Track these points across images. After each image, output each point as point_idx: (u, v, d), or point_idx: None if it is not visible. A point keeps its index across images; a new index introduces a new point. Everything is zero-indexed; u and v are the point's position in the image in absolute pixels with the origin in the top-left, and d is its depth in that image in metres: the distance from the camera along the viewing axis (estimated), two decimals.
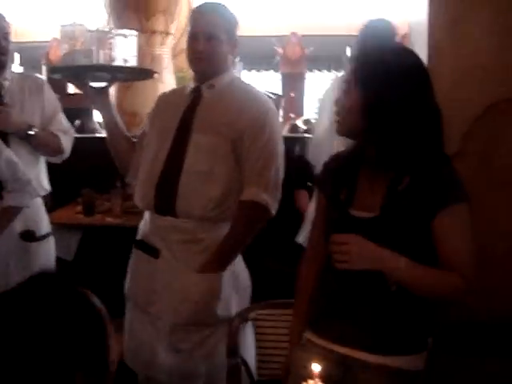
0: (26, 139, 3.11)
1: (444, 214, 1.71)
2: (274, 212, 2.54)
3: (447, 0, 2.30)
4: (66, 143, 3.29)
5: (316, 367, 1.46)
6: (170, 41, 7.69)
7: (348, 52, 11.15)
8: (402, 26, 3.47)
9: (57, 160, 3.34)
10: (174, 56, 8.07)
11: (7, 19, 3.16)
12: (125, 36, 2.79)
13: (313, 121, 10.54)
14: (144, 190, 2.61)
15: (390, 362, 1.77)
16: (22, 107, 3.16)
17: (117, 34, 2.76)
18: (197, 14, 2.56)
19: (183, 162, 2.50)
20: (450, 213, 1.71)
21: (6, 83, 3.16)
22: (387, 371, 1.77)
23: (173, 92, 2.90)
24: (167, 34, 7.47)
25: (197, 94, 2.59)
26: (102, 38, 2.72)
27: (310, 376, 1.45)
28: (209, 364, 2.57)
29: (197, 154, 2.49)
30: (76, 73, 2.75)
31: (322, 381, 1.46)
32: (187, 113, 2.58)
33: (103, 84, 2.74)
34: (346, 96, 1.75)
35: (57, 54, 11.20)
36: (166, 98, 2.79)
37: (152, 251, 2.57)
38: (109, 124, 2.77)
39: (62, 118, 3.33)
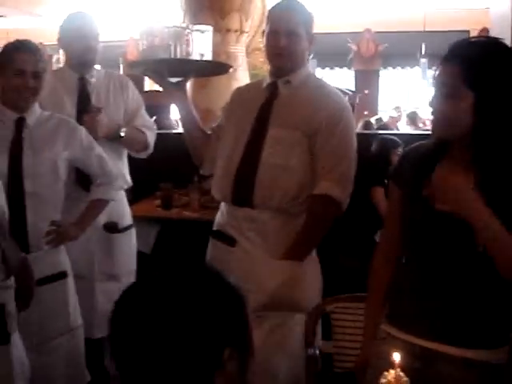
0: (118, 140, 3.24)
1: None
2: (345, 207, 2.60)
3: None
4: (151, 139, 3.41)
5: (396, 357, 1.47)
6: (245, 39, 7.76)
7: (423, 48, 11.02)
8: (483, 18, 3.41)
9: (142, 155, 3.45)
10: (248, 54, 8.14)
11: (97, 21, 3.30)
12: (201, 31, 2.89)
13: (384, 119, 10.47)
14: (222, 182, 2.68)
15: (474, 356, 1.77)
16: (108, 104, 3.28)
17: (193, 30, 2.86)
18: (276, 12, 2.62)
19: (260, 155, 2.57)
20: None
21: (93, 80, 3.29)
22: (470, 364, 1.76)
23: (248, 87, 2.99)
24: (242, 32, 7.54)
25: (274, 89, 2.65)
26: (179, 34, 2.82)
27: (391, 366, 1.47)
28: (285, 352, 2.61)
29: (274, 148, 2.56)
30: (155, 67, 2.84)
31: (403, 371, 1.47)
32: (264, 107, 2.64)
33: (180, 78, 2.84)
34: (448, 101, 1.69)
35: (134, 54, 11.46)
36: (241, 93, 2.87)
37: (229, 240, 2.66)
38: (186, 117, 2.89)
39: (145, 114, 3.44)
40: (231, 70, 3.29)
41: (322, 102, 2.59)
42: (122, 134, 3.23)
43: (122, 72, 9.53)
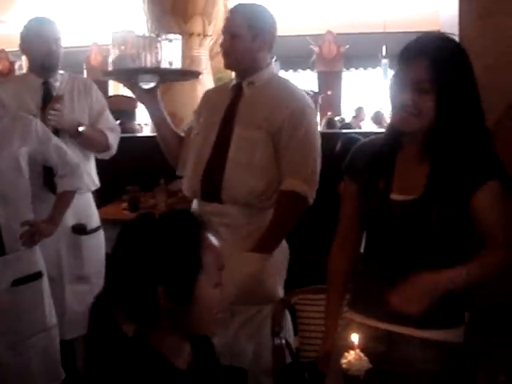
0: (76, 136, 3.25)
1: (482, 190, 1.80)
2: (312, 201, 2.70)
3: None
4: (113, 140, 3.43)
5: (355, 338, 1.56)
6: (208, 42, 7.82)
7: (384, 49, 11.18)
8: (434, 20, 3.53)
9: (105, 156, 3.48)
10: (212, 57, 8.19)
11: (57, 25, 3.34)
12: (169, 40, 2.98)
13: (347, 120, 10.61)
14: (192, 179, 2.79)
15: (434, 336, 1.86)
16: (73, 106, 3.32)
17: (163, 39, 2.95)
18: (227, 15, 2.81)
19: (227, 154, 2.69)
20: (488, 188, 1.80)
21: (57, 84, 3.33)
22: (430, 344, 1.86)
23: (216, 89, 3.13)
24: (205, 35, 7.60)
25: (238, 90, 2.76)
26: (149, 43, 2.92)
27: (351, 347, 1.56)
28: (255, 343, 2.72)
29: (239, 147, 2.68)
30: (127, 75, 2.95)
31: (363, 352, 1.56)
32: (230, 108, 2.75)
33: (152, 85, 2.93)
34: (416, 95, 1.77)
35: (97, 59, 11.46)
36: (209, 95, 2.97)
37: None
38: (158, 122, 2.96)
39: (109, 116, 3.47)
40: (200, 76, 3.43)
41: (285, 101, 2.69)
42: (81, 129, 3.24)
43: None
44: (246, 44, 2.68)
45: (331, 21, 11.36)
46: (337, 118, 9.39)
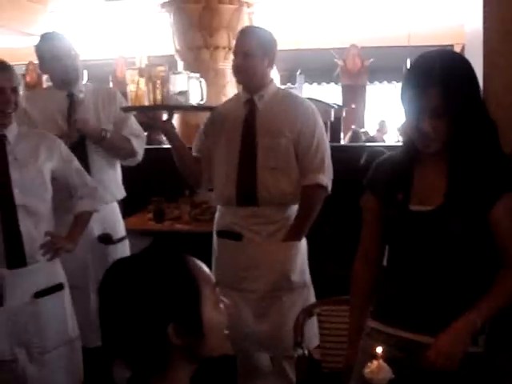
0: (100, 142, 3.28)
1: (499, 203, 1.84)
2: (330, 189, 3.10)
3: (500, 8, 2.40)
4: (138, 146, 3.46)
5: (379, 349, 1.59)
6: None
7: (408, 63, 11.16)
8: (459, 34, 3.54)
9: (131, 163, 3.51)
10: None
11: (71, 39, 3.36)
12: (190, 77, 3.10)
13: (371, 133, 10.64)
14: (225, 189, 3.08)
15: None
16: (98, 117, 3.36)
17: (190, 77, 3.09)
18: (237, 35, 3.06)
19: (256, 161, 3.01)
20: (504, 201, 1.84)
21: (82, 95, 3.36)
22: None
23: (225, 105, 3.31)
24: (230, 49, 7.67)
25: (251, 104, 3.07)
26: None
27: (375, 357, 1.59)
28: (280, 328, 3.02)
29: (267, 154, 3.01)
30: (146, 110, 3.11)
31: (385, 361, 1.58)
32: (248, 120, 3.06)
33: (165, 117, 3.11)
34: (436, 122, 1.83)
35: (123, 71, 11.58)
36: (221, 112, 3.19)
37: (235, 236, 3.09)
38: (178, 147, 3.14)
39: (134, 123, 3.49)
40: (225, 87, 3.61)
41: (298, 110, 3.06)
42: (104, 134, 3.28)
43: None
44: (257, 62, 2.99)
45: (355, 34, 11.39)
46: (362, 130, 9.40)
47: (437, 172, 1.93)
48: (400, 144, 2.12)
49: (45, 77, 9.95)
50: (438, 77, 1.81)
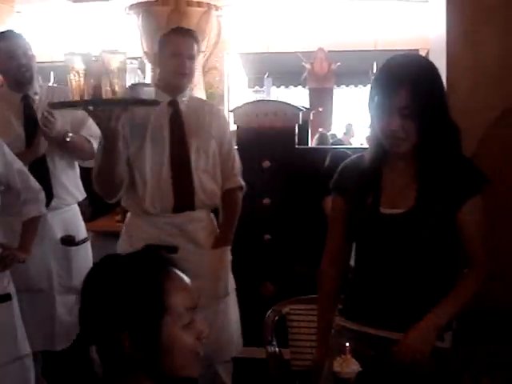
0: (63, 145, 3.23)
1: (466, 206, 1.95)
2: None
3: (462, 15, 2.47)
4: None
5: (347, 343, 1.64)
6: (201, 58, 7.90)
7: (375, 67, 11.29)
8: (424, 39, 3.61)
9: (89, 164, 3.38)
10: (205, 73, 8.29)
11: (25, 38, 3.30)
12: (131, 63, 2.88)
13: (338, 136, 10.75)
14: (159, 195, 2.92)
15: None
16: (54, 118, 3.24)
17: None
18: (178, 36, 2.96)
19: (190, 164, 2.94)
20: (470, 204, 1.95)
21: (37, 97, 3.31)
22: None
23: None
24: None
25: (175, 105, 2.99)
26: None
27: (343, 351, 1.64)
28: (220, 335, 2.99)
29: (198, 156, 2.97)
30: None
31: (360, 359, 1.64)
32: (175, 121, 2.97)
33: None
34: (405, 122, 1.89)
35: None
36: (142, 114, 2.94)
37: (170, 249, 2.78)
38: (114, 152, 2.74)
39: (92, 125, 3.29)
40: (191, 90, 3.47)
41: (218, 113, 3.18)
42: (68, 139, 3.21)
43: None
44: (195, 64, 3.02)
45: (323, 38, 11.48)
46: (329, 133, 9.49)
47: (405, 175, 2.00)
48: (365, 147, 2.17)
49: None
50: (407, 77, 1.87)
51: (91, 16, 9.72)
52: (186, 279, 1.41)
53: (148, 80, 7.81)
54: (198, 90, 7.82)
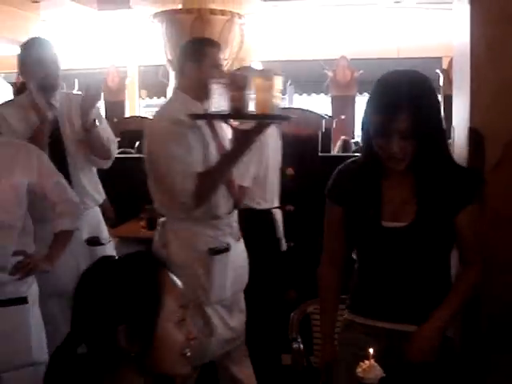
0: (91, 130, 3.23)
1: (464, 212, 2.07)
2: None
3: (487, 23, 2.48)
4: (114, 149, 3.48)
5: (371, 350, 1.66)
6: (224, 66, 7.94)
7: None
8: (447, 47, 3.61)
9: (104, 165, 3.50)
10: None
11: (54, 46, 3.34)
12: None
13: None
14: (226, 198, 3.11)
15: None
16: (71, 123, 3.34)
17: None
18: (215, 49, 3.10)
19: None
20: (467, 211, 2.07)
21: (58, 105, 3.34)
22: None
23: None
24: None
25: None
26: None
27: (367, 357, 1.66)
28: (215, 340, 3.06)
29: None
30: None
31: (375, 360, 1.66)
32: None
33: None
34: (404, 143, 1.96)
35: (115, 80, 11.62)
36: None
37: (225, 249, 3.06)
38: (234, 163, 2.91)
39: (108, 128, 3.48)
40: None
41: None
42: (98, 123, 3.25)
43: (102, 98, 9.64)
44: None
45: (345, 46, 11.49)
46: (352, 141, 9.48)
47: (404, 187, 2.09)
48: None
49: None
50: (406, 102, 1.93)
51: (116, 24, 9.81)
52: (177, 279, 1.49)
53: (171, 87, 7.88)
54: None
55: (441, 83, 10.31)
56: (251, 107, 2.58)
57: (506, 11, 2.46)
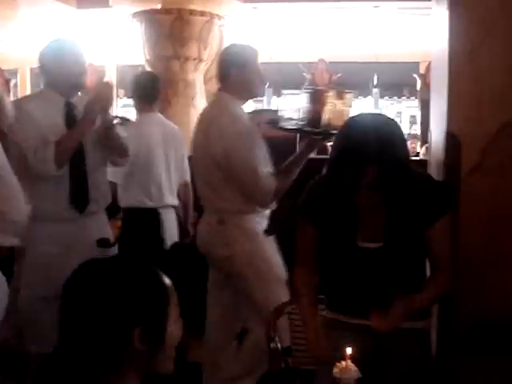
0: (111, 130, 3.24)
1: (438, 224, 2.13)
2: None
3: (465, 28, 2.51)
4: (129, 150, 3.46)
5: (348, 350, 1.67)
6: (203, 67, 7.94)
7: (375, 79, 11.36)
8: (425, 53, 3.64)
9: (123, 163, 3.52)
10: (206, 81, 8.31)
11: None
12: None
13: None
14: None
15: (414, 325, 2.22)
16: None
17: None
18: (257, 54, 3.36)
19: None
20: (440, 223, 2.13)
21: (77, 104, 3.30)
22: (412, 332, 2.21)
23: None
24: (200, 60, 7.73)
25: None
26: None
27: (343, 357, 1.67)
28: None
29: None
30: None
31: (358, 348, 1.74)
32: None
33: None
34: (371, 192, 2.04)
35: (92, 79, 11.54)
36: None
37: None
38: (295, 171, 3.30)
39: (120, 128, 3.45)
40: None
41: None
42: (115, 121, 3.29)
43: None
44: None
45: (324, 49, 11.53)
46: (328, 144, 9.52)
47: (376, 206, 2.13)
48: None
49: (12, 83, 9.92)
50: (375, 155, 1.98)
51: (95, 22, 9.76)
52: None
53: None
54: (199, 98, 7.85)
55: (418, 88, 10.41)
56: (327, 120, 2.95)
57: (484, 17, 2.49)
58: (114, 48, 11.20)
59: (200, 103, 7.91)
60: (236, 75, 3.24)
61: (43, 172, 3.08)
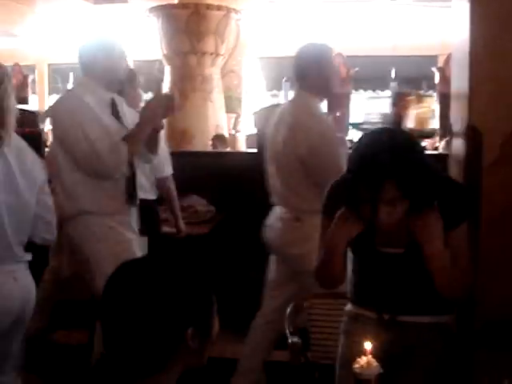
0: (157, 132, 3.21)
1: (458, 228, 2.13)
2: None
3: (486, 21, 2.48)
4: None
5: (368, 345, 1.66)
6: (220, 61, 7.95)
7: (393, 72, 11.30)
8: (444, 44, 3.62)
9: (152, 160, 3.47)
10: (223, 76, 8.32)
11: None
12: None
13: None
14: None
15: (439, 320, 2.25)
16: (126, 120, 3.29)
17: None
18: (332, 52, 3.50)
19: None
20: (461, 227, 2.13)
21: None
22: (436, 327, 2.24)
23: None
24: (217, 55, 7.74)
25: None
26: None
27: (364, 353, 1.66)
28: None
29: None
30: None
31: (377, 342, 1.72)
32: None
33: None
34: (391, 208, 1.99)
35: None
36: None
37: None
38: None
39: None
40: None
41: None
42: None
43: None
44: None
45: (341, 43, 11.49)
46: (347, 139, 9.50)
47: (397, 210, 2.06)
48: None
49: (30, 79, 9.95)
50: (391, 170, 1.93)
51: (111, 18, 9.78)
52: None
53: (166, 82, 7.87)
54: (216, 93, 7.86)
55: (436, 81, 10.32)
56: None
57: (505, 8, 2.46)
58: (131, 43, 11.22)
59: (217, 98, 7.92)
60: (315, 74, 3.30)
61: (114, 172, 3.10)
